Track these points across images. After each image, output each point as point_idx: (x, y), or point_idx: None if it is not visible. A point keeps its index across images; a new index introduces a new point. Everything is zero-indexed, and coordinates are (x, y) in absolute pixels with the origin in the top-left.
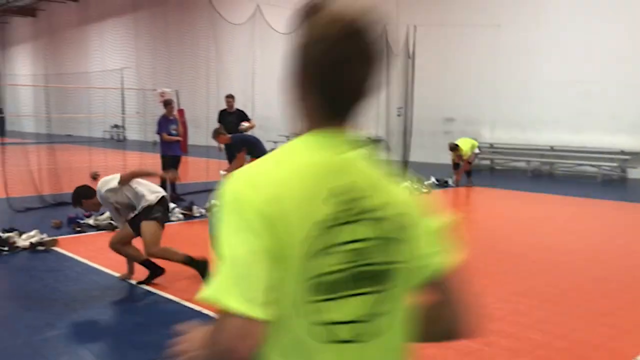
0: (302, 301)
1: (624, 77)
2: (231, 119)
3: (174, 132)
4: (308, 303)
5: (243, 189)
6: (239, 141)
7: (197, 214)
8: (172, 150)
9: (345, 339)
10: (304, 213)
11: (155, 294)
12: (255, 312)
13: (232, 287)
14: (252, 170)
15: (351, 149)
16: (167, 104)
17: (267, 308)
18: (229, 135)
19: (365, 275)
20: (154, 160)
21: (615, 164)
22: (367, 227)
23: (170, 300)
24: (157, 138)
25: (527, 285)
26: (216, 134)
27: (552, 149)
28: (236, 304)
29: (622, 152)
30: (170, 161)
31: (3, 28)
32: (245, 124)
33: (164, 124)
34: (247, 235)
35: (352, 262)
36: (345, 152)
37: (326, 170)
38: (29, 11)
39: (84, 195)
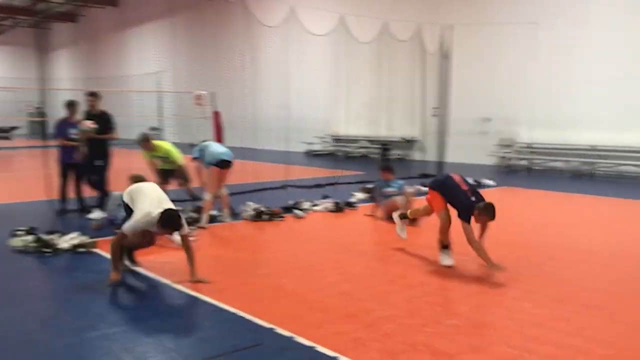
0: None
1: None
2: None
3: (74, 137)
4: None
5: None
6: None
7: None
8: (68, 156)
9: None
10: None
11: (198, 298)
12: None
13: None
14: None
15: None
16: (70, 105)
17: None
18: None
19: None
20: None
21: None
22: None
23: (210, 304)
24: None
25: (567, 290)
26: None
27: (593, 148)
28: None
29: None
30: (69, 168)
31: (45, 34)
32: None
33: (63, 127)
34: None
35: None
36: None
37: None
38: (69, 17)
39: None
